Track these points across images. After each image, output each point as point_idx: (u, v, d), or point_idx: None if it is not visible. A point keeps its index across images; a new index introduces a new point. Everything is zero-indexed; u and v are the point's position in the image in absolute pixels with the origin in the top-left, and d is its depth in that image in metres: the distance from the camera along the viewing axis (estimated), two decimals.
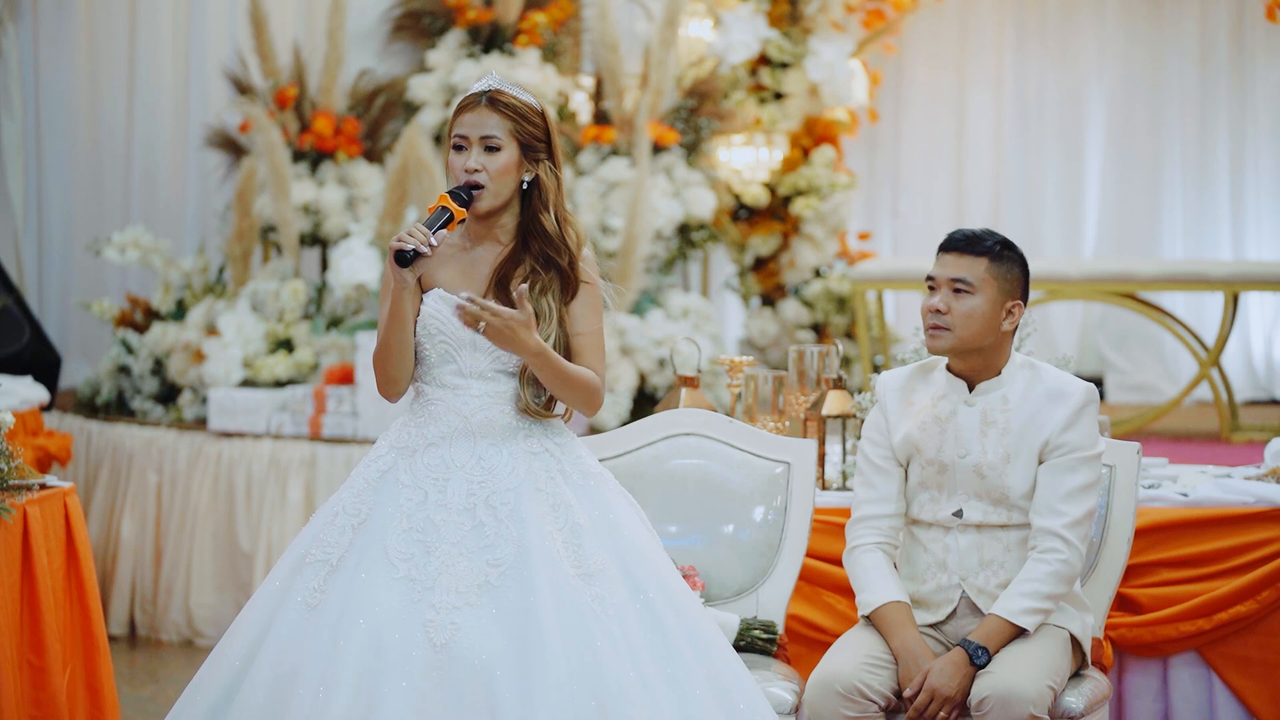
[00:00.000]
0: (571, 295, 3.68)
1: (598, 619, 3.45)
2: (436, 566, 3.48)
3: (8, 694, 4.33)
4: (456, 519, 3.54)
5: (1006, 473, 4.15)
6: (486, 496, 3.56)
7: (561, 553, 3.51)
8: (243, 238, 8.28)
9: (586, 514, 3.59)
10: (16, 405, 7.04)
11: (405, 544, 3.51)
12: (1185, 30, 9.61)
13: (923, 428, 4.20)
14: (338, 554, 3.54)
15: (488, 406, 3.64)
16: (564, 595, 3.46)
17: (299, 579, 3.54)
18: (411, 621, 3.42)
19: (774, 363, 8.88)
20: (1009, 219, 9.75)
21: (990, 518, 4.16)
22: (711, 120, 8.58)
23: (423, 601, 3.44)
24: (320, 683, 3.38)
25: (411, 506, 3.56)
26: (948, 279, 4.15)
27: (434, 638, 3.40)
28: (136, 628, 7.67)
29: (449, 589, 3.45)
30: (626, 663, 3.43)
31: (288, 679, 3.42)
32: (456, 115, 3.69)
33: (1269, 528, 4.69)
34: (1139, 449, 4.42)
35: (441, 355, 3.66)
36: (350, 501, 3.61)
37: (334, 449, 7.48)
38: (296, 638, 3.47)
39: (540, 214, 3.68)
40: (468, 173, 3.64)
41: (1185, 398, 8.37)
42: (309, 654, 3.43)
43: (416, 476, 3.60)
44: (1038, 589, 4.07)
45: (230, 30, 9.19)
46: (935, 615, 4.19)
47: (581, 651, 3.41)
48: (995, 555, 4.16)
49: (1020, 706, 3.91)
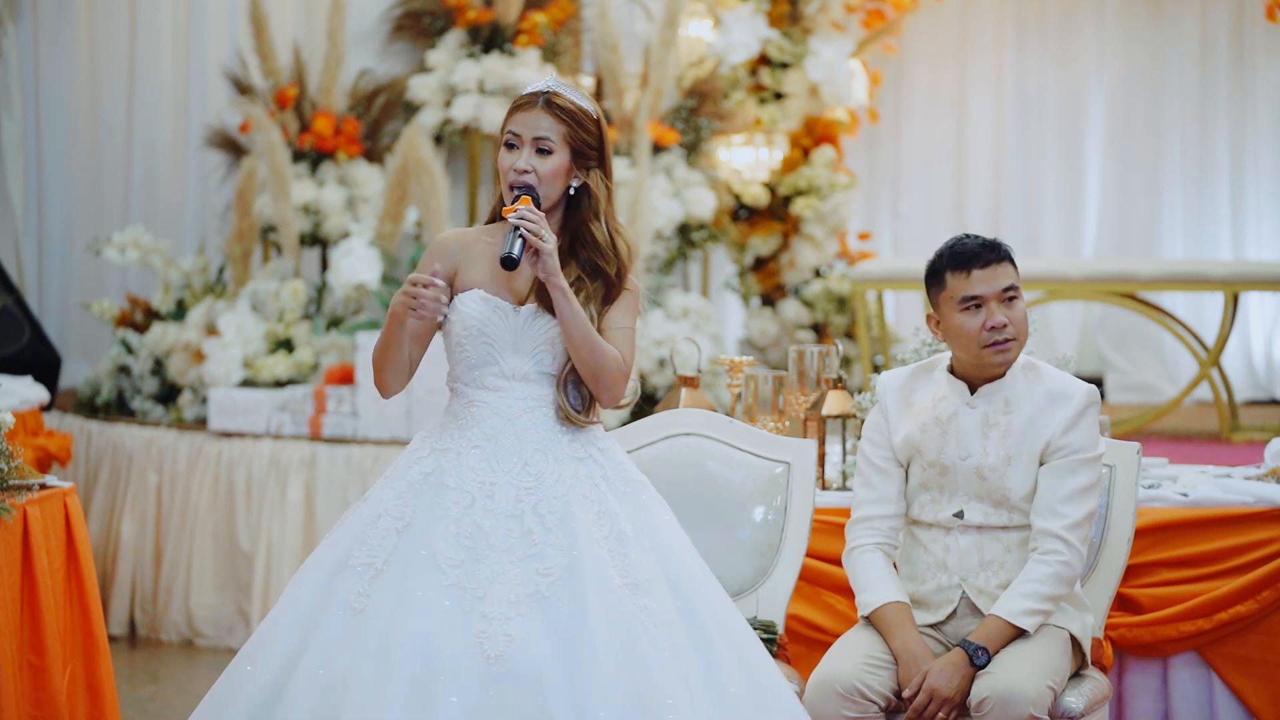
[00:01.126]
0: (612, 301, 3.65)
1: (646, 631, 3.42)
2: (487, 575, 3.43)
3: (8, 694, 4.33)
4: (505, 525, 3.49)
5: (1007, 475, 4.14)
6: (534, 503, 3.51)
7: (609, 562, 3.48)
8: (243, 238, 8.28)
9: (631, 522, 3.55)
10: (16, 405, 7.04)
11: (454, 550, 3.46)
12: (1185, 30, 9.61)
13: (923, 429, 4.20)
14: (382, 557, 3.48)
15: (531, 410, 3.60)
16: (613, 607, 3.42)
17: (342, 582, 3.47)
18: (464, 632, 3.36)
19: (774, 363, 8.88)
20: (1009, 219, 9.75)
21: (991, 519, 4.16)
22: (711, 120, 8.58)
23: (474, 611, 3.39)
24: (372, 693, 3.32)
25: (459, 511, 3.50)
26: (997, 291, 4.12)
27: (487, 649, 3.35)
28: (136, 628, 7.67)
29: (501, 599, 3.40)
30: (674, 675, 3.40)
31: (336, 687, 3.35)
32: (511, 113, 3.64)
33: (1269, 528, 4.69)
34: (1139, 449, 4.41)
35: (483, 356, 3.61)
36: (393, 504, 3.54)
37: (334, 449, 7.48)
38: (343, 643, 3.40)
39: (590, 222, 3.65)
40: (517, 172, 3.60)
41: (1185, 398, 8.37)
42: (357, 661, 3.36)
43: (462, 480, 3.54)
44: (1038, 590, 4.07)
45: (230, 30, 9.19)
46: (935, 615, 4.19)
47: (632, 664, 3.37)
48: (995, 556, 4.16)
49: (1020, 707, 3.91)
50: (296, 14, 9.15)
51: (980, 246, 4.15)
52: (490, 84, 8.46)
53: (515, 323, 3.61)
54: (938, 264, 4.18)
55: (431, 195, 7.95)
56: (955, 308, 4.14)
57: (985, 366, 4.17)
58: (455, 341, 3.63)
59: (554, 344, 3.61)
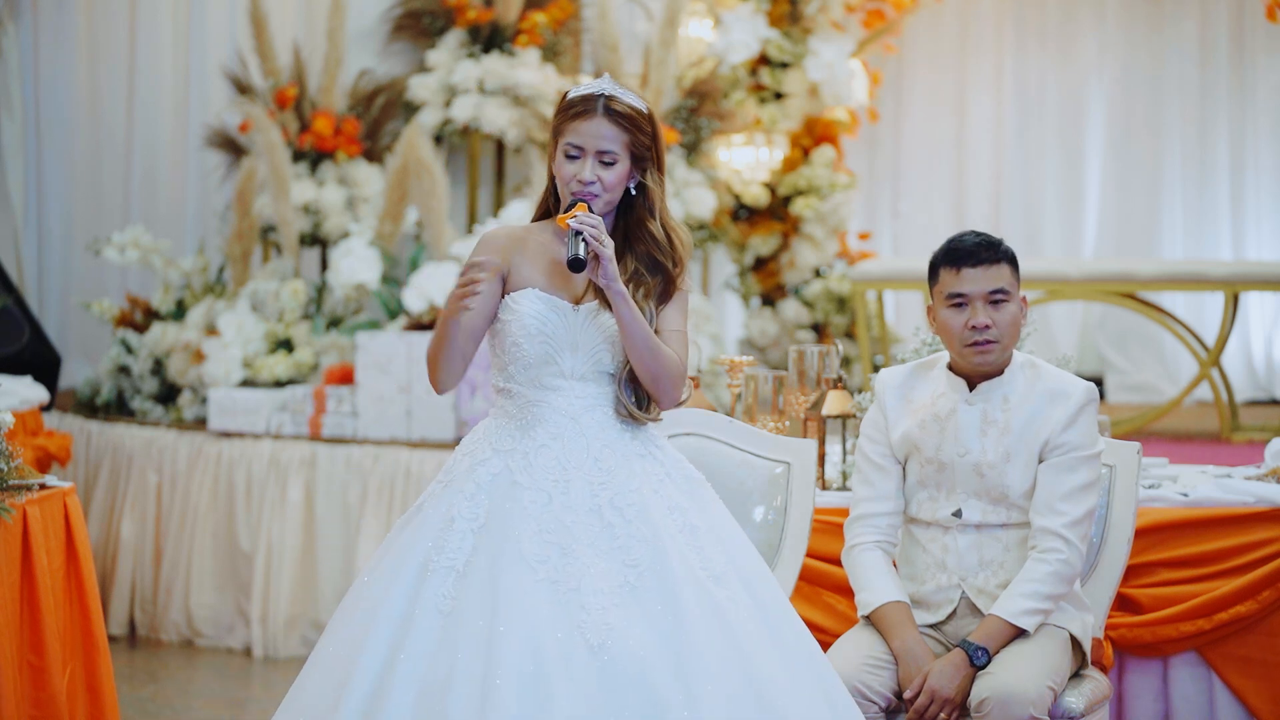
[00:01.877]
0: (668, 300, 3.65)
1: (739, 620, 3.44)
2: (577, 568, 3.43)
3: (8, 694, 4.33)
4: (585, 520, 3.49)
5: (1006, 472, 4.14)
6: (610, 497, 3.52)
7: (689, 553, 3.50)
8: (243, 238, 8.28)
9: (699, 517, 3.57)
10: (16, 405, 7.04)
11: (540, 546, 3.45)
12: (1185, 30, 9.61)
13: (922, 426, 4.20)
14: (463, 559, 3.46)
15: (593, 408, 3.60)
16: (704, 595, 3.44)
17: (427, 587, 3.45)
18: (565, 623, 3.36)
19: (774, 363, 8.88)
20: (1009, 219, 9.75)
21: (990, 517, 4.16)
22: (711, 120, 8.58)
23: (572, 603, 3.39)
24: (482, 690, 3.31)
25: (537, 509, 3.50)
26: (985, 292, 4.13)
27: (590, 639, 3.35)
28: (136, 628, 7.67)
29: (595, 590, 3.40)
30: (772, 662, 3.43)
31: (440, 688, 3.34)
32: (569, 120, 3.62)
33: (1269, 528, 4.69)
34: (1139, 449, 4.41)
35: (542, 356, 3.59)
36: (465, 506, 3.52)
37: (334, 449, 7.48)
38: (443, 645, 3.38)
39: (647, 221, 3.64)
40: (582, 183, 3.58)
41: (1185, 398, 8.37)
42: (460, 662, 3.34)
43: (535, 478, 3.53)
44: (1037, 589, 4.07)
45: (230, 30, 9.19)
46: (935, 615, 4.19)
47: (732, 651, 3.39)
48: (995, 555, 4.16)
49: (1020, 707, 3.90)
50: (296, 14, 9.15)
51: (976, 245, 4.15)
52: (490, 84, 8.46)
53: (574, 321, 3.60)
54: (935, 258, 4.20)
55: (431, 195, 7.95)
56: (944, 303, 4.16)
57: (966, 363, 4.18)
58: (512, 341, 3.61)
59: (613, 343, 3.61)
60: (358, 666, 3.42)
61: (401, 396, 7.47)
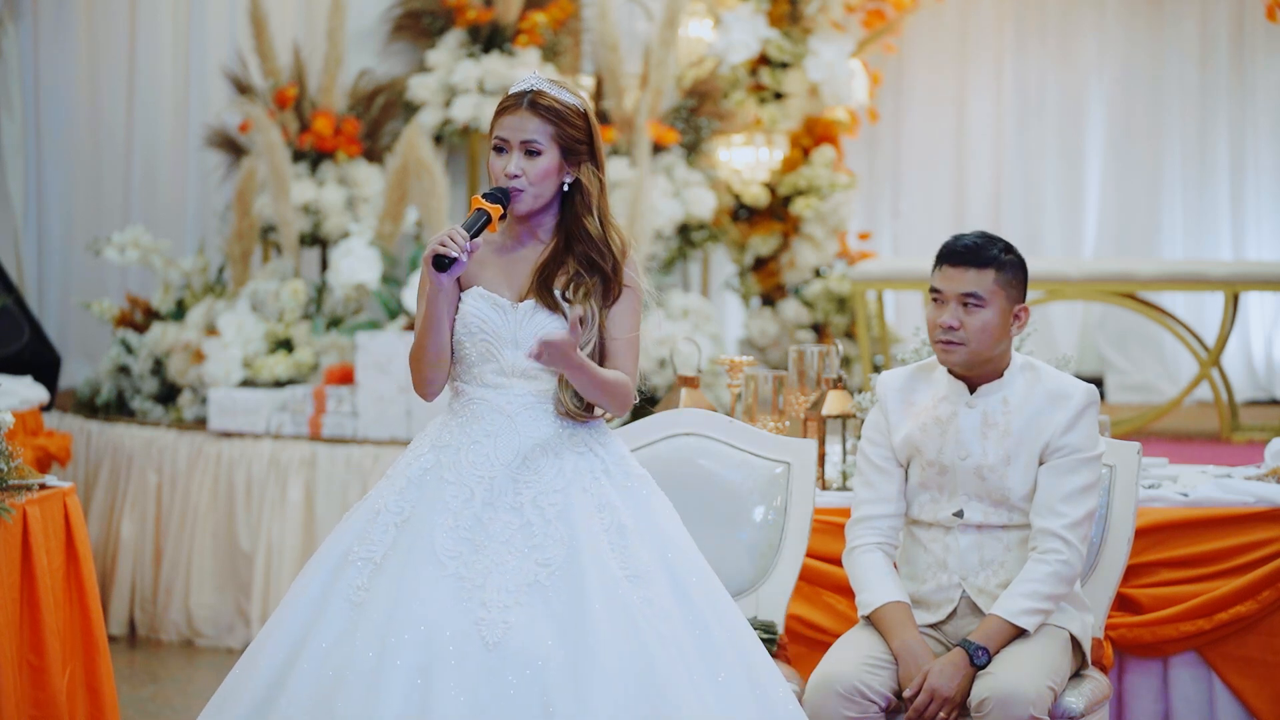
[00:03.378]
0: (613, 300, 3.65)
1: (648, 621, 3.43)
2: (486, 565, 3.45)
3: (8, 694, 4.33)
4: (504, 517, 3.51)
5: (1007, 474, 4.15)
6: (534, 496, 3.53)
7: (609, 554, 3.49)
8: (243, 238, 8.28)
9: (631, 515, 3.57)
10: (16, 405, 7.04)
11: (453, 542, 3.48)
12: (1185, 30, 9.61)
13: (923, 429, 4.21)
14: (381, 551, 3.51)
15: (531, 405, 3.61)
16: (614, 596, 3.44)
17: (342, 578, 3.51)
18: (462, 620, 3.38)
19: (774, 363, 8.88)
20: (1009, 219, 9.75)
21: (991, 518, 4.16)
22: (711, 120, 8.58)
23: (473, 599, 3.41)
24: (371, 682, 3.34)
25: (458, 504, 3.52)
26: (958, 293, 4.13)
27: (486, 636, 3.37)
28: (136, 628, 7.67)
29: (499, 587, 3.42)
30: (677, 664, 3.41)
31: (334, 679, 3.37)
32: (498, 116, 3.64)
33: (1269, 528, 4.69)
34: (1139, 449, 4.42)
35: (482, 354, 3.62)
36: (393, 499, 3.57)
37: (334, 449, 7.48)
38: (342, 637, 3.43)
39: (583, 217, 3.65)
40: (507, 177, 3.60)
41: (1185, 398, 8.37)
42: (356, 653, 3.38)
43: (462, 474, 3.55)
44: (1038, 589, 4.07)
45: (230, 30, 9.19)
46: (935, 615, 4.19)
47: (634, 653, 3.39)
48: (995, 555, 4.16)
49: (1020, 708, 3.91)
50: (296, 14, 9.15)
51: (966, 246, 4.16)
52: (490, 84, 8.46)
53: (514, 319, 3.62)
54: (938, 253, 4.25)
55: (431, 195, 7.95)
56: (929, 296, 4.22)
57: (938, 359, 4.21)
58: (456, 340, 3.64)
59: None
60: (264, 654, 3.50)
61: (401, 396, 7.47)
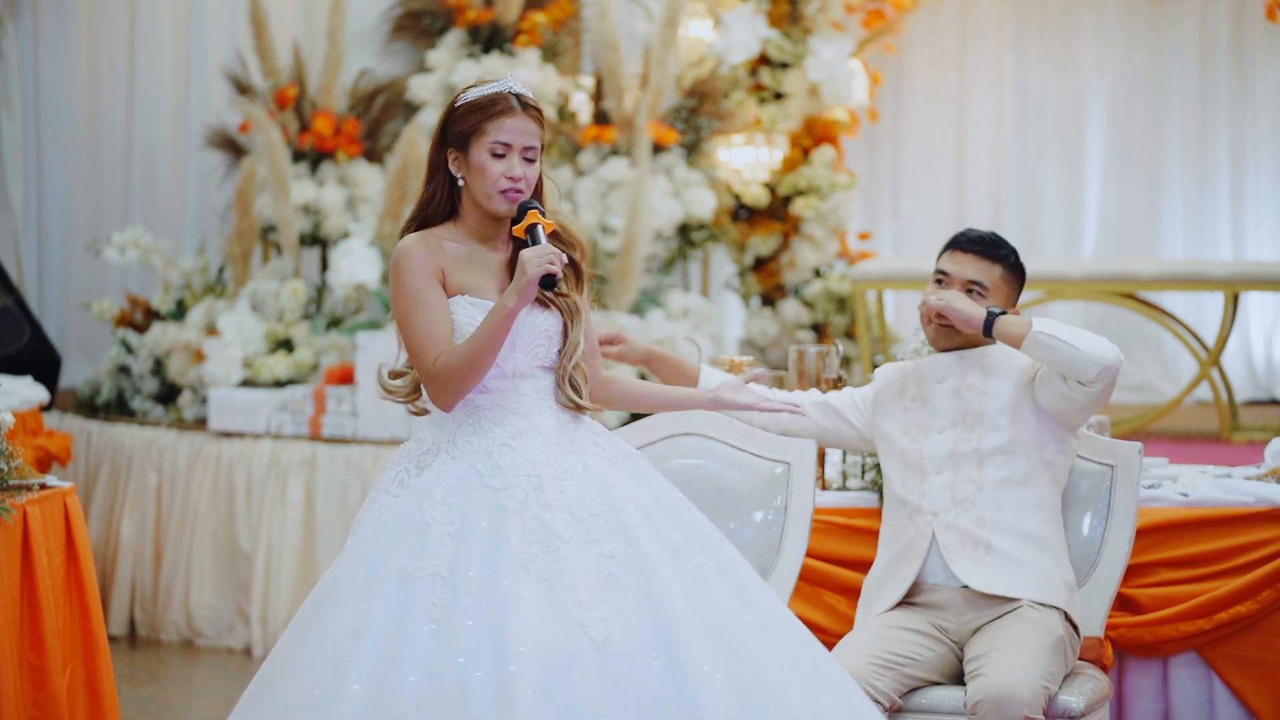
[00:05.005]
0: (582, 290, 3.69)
1: (705, 589, 3.47)
2: (563, 566, 3.43)
3: (8, 694, 4.33)
4: (560, 516, 3.49)
5: (985, 392, 4.28)
6: (575, 492, 3.53)
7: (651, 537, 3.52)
8: (243, 238, 8.28)
9: (648, 495, 3.60)
10: (16, 405, 7.04)
11: (526, 544, 3.45)
12: (1185, 30, 9.61)
13: (903, 370, 4.42)
14: (445, 564, 3.42)
15: (539, 404, 3.62)
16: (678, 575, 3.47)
17: (414, 595, 3.40)
18: (567, 623, 3.37)
19: (774, 363, 8.88)
20: (1009, 219, 9.75)
21: (961, 443, 4.27)
22: (711, 120, 8.58)
23: (569, 601, 3.40)
24: (495, 695, 3.28)
25: (517, 505, 3.50)
26: (964, 279, 4.30)
27: (593, 635, 3.36)
28: (136, 628, 7.68)
29: (585, 586, 3.42)
30: (745, 623, 3.47)
31: (453, 698, 3.29)
32: (492, 117, 3.60)
33: (1269, 528, 4.69)
34: (1140, 449, 4.42)
35: None
36: (438, 511, 3.49)
37: (334, 449, 7.48)
38: (441, 653, 3.34)
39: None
40: (511, 180, 3.59)
41: (1185, 398, 8.37)
42: (469, 667, 3.31)
43: (507, 478, 3.52)
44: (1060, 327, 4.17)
45: (230, 30, 9.19)
46: (913, 564, 4.26)
47: (709, 622, 3.42)
48: (967, 494, 4.25)
49: (1014, 708, 3.93)
50: (296, 14, 9.16)
51: (979, 237, 4.35)
52: None
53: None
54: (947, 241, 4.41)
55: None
56: (931, 277, 4.38)
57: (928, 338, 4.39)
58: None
59: (549, 336, 3.64)
60: (344, 681, 3.34)
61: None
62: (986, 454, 4.26)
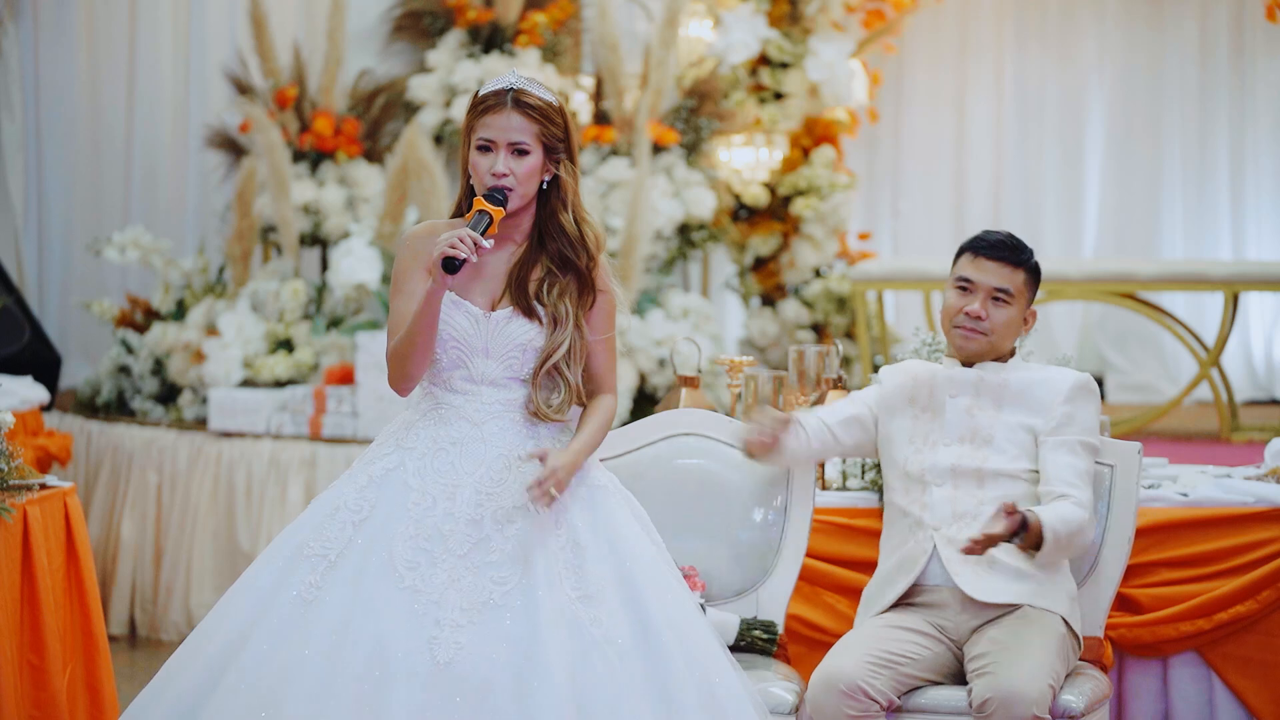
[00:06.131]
0: (590, 302, 3.63)
1: (595, 644, 3.42)
2: (442, 580, 3.42)
3: (8, 694, 4.33)
4: (464, 530, 3.48)
5: (997, 416, 4.27)
6: (494, 510, 3.51)
7: (563, 573, 3.47)
8: (243, 238, 8.28)
9: (589, 532, 3.54)
10: (16, 405, 7.04)
11: (412, 552, 3.45)
12: (1185, 30, 9.61)
13: (916, 378, 4.37)
14: (336, 550, 3.47)
15: (498, 414, 3.60)
16: (564, 618, 3.42)
17: (294, 572, 3.47)
18: (417, 636, 3.36)
19: (774, 363, 8.88)
20: (1009, 219, 9.75)
21: (965, 460, 4.25)
22: (711, 120, 8.57)
23: (428, 616, 3.39)
24: (320, 685, 3.32)
25: (419, 512, 3.50)
26: (991, 286, 4.29)
27: (438, 655, 3.35)
28: (136, 628, 7.67)
29: (455, 605, 3.40)
30: (622, 688, 3.40)
31: (280, 678, 3.35)
32: (481, 114, 3.62)
33: (1269, 528, 4.69)
34: (1140, 449, 4.43)
35: (453, 360, 3.60)
36: (353, 497, 3.54)
37: (334, 449, 7.48)
38: (290, 633, 3.40)
39: (559, 213, 3.65)
40: (495, 176, 3.58)
41: (1185, 398, 8.37)
42: (306, 653, 3.36)
43: (425, 481, 3.54)
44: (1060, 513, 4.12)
45: (230, 30, 9.19)
46: (910, 575, 4.25)
47: (579, 676, 3.37)
48: (969, 508, 4.24)
49: (1023, 707, 3.94)
50: (296, 14, 9.15)
51: (1000, 241, 4.33)
52: None
53: (486, 328, 3.61)
54: (964, 243, 4.38)
55: (431, 195, 7.95)
56: (952, 283, 4.34)
57: (953, 345, 4.35)
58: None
59: (525, 349, 3.61)
60: (208, 642, 3.44)
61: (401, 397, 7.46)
62: (988, 475, 4.25)
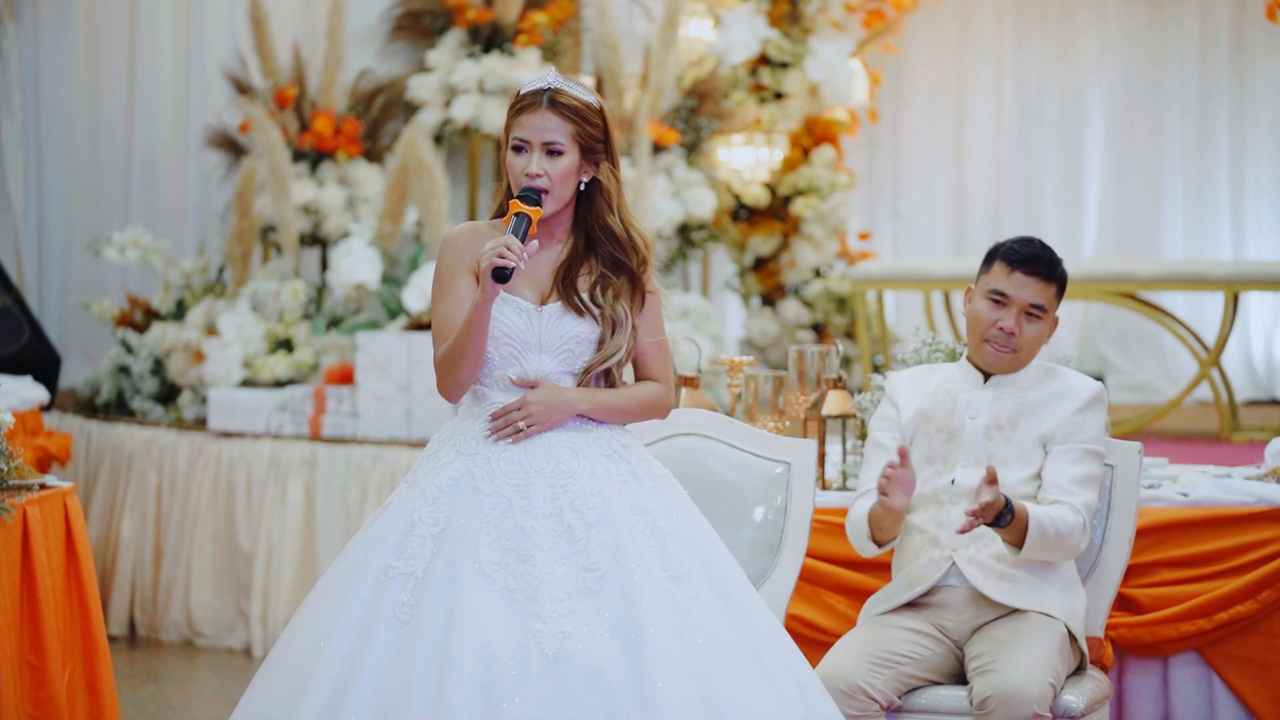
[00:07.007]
0: (641, 302, 3.63)
1: (696, 620, 3.42)
2: (534, 575, 3.40)
3: (8, 694, 4.33)
4: (545, 525, 3.46)
5: (1013, 438, 4.24)
6: (571, 501, 3.49)
7: (651, 556, 3.47)
8: (243, 238, 8.28)
9: (664, 517, 3.54)
10: (16, 405, 7.04)
11: (497, 553, 3.43)
12: (1185, 30, 9.61)
13: (934, 398, 4.32)
14: (422, 565, 3.44)
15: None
16: (664, 597, 3.41)
17: (386, 594, 3.43)
18: (520, 633, 3.35)
19: (774, 363, 8.88)
20: (1009, 219, 9.75)
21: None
22: (711, 120, 8.58)
23: (527, 611, 3.37)
24: (436, 704, 3.29)
25: (497, 515, 3.47)
26: (1026, 302, 4.27)
27: (545, 648, 3.33)
28: (136, 628, 7.67)
29: (551, 597, 3.38)
30: (729, 662, 3.40)
31: (397, 702, 3.31)
32: (517, 114, 3.60)
33: (1269, 528, 4.69)
34: (1140, 449, 4.43)
35: (505, 358, 3.58)
36: (426, 510, 3.50)
37: (334, 449, 7.47)
38: (397, 658, 3.36)
39: (606, 216, 3.62)
40: (529, 177, 3.56)
41: (1185, 398, 8.37)
42: (416, 675, 3.32)
43: (496, 484, 3.51)
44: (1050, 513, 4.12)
45: (230, 30, 9.19)
46: (925, 584, 4.23)
47: (688, 653, 3.37)
48: (985, 528, 4.19)
49: (1024, 705, 3.95)
50: (296, 14, 9.15)
51: (1036, 255, 4.29)
52: (490, 84, 8.46)
53: (539, 323, 3.59)
54: (997, 248, 4.33)
55: (431, 195, 7.95)
56: (984, 294, 4.29)
57: (981, 357, 4.30)
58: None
59: (578, 342, 3.59)
60: (315, 675, 3.40)
61: (401, 396, 7.47)
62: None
